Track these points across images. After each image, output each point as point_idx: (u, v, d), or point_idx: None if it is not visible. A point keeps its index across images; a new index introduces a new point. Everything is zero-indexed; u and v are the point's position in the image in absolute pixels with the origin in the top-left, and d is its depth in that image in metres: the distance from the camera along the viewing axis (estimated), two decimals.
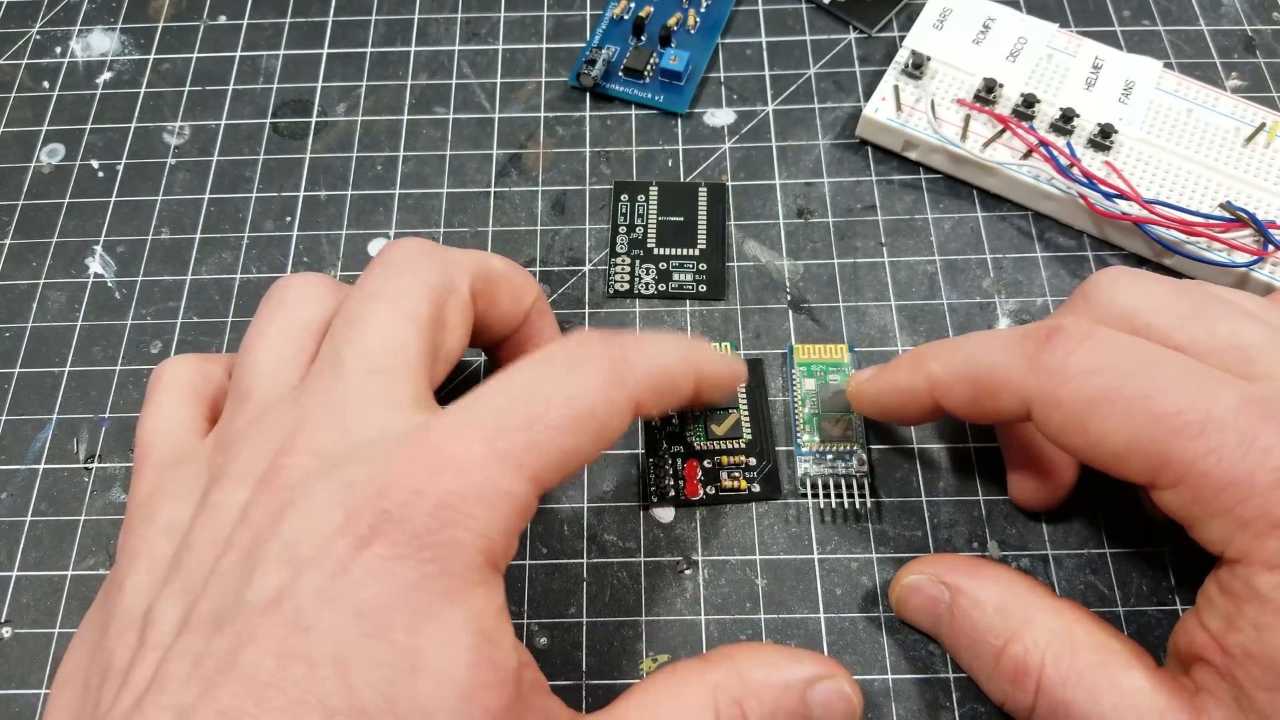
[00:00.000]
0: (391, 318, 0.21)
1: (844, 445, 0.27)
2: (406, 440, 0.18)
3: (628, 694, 0.20)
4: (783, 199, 0.32)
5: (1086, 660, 0.20)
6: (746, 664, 0.21)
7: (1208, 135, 0.31)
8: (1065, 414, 0.20)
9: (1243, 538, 0.18)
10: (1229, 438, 0.18)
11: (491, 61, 0.36)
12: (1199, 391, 0.19)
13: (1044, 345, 0.21)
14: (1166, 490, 0.19)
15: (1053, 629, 0.21)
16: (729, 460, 0.27)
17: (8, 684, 0.25)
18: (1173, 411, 0.19)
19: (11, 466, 0.28)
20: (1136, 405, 0.19)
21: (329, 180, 0.33)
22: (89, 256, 0.32)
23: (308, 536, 0.17)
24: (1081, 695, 0.20)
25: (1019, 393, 0.21)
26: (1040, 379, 0.20)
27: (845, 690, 0.21)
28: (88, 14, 0.38)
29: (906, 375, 0.24)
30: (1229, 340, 0.20)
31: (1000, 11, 0.34)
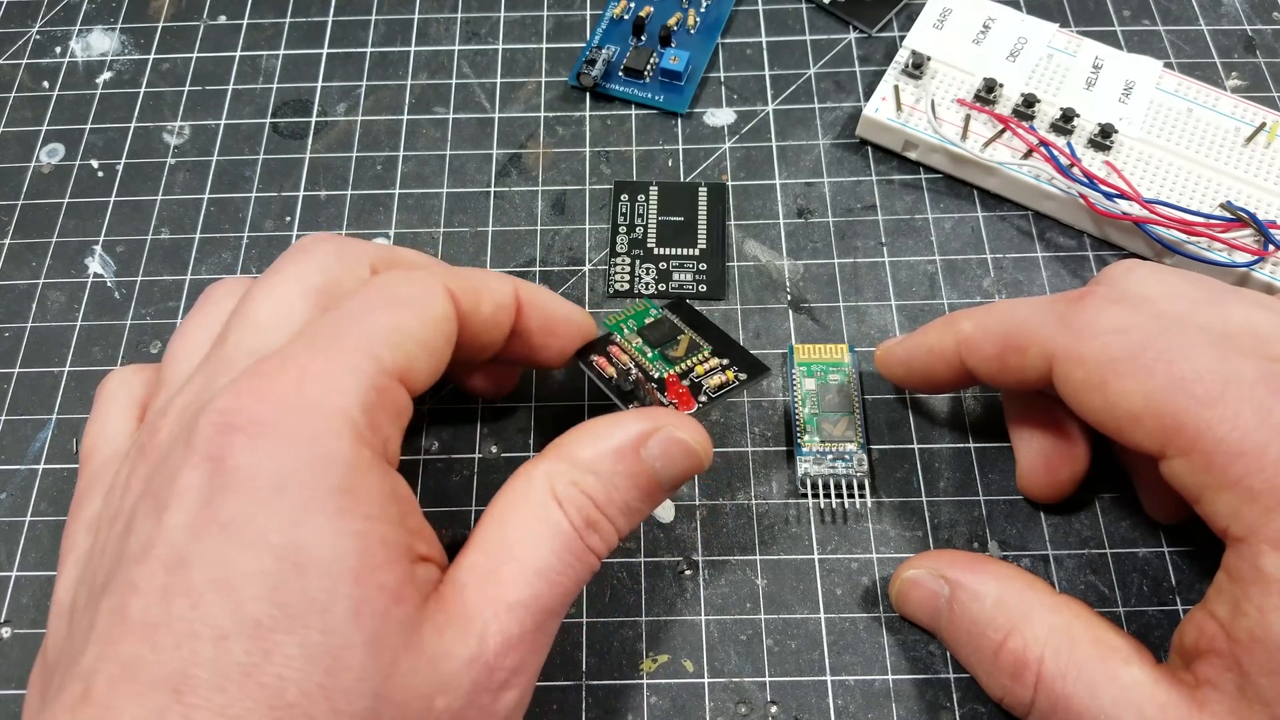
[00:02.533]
0: (279, 288, 0.21)
1: (844, 445, 0.27)
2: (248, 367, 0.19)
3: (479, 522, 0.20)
4: (783, 199, 0.32)
5: (1086, 655, 0.20)
6: (573, 445, 0.21)
7: (1208, 135, 0.31)
8: (1087, 370, 0.20)
9: (1250, 512, 0.18)
10: (1246, 407, 0.18)
11: (491, 61, 0.36)
12: (1220, 361, 0.19)
13: (1074, 304, 0.22)
14: (1177, 458, 0.19)
15: (1052, 624, 0.21)
16: (704, 367, 0.25)
17: (7, 684, 0.25)
18: (1192, 376, 0.19)
19: (11, 466, 0.28)
20: (1158, 367, 0.19)
21: (329, 180, 0.33)
22: (89, 256, 0.32)
23: (165, 480, 0.18)
24: (1081, 689, 0.20)
25: (1045, 348, 0.21)
26: (1067, 335, 0.21)
27: (676, 435, 0.21)
28: (88, 14, 0.38)
29: (936, 335, 0.25)
30: (1243, 325, 0.21)
31: (1000, 11, 0.34)
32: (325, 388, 0.18)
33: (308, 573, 0.16)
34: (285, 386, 0.18)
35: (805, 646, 0.25)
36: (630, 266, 0.31)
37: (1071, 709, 0.20)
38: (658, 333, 0.26)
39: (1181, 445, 0.19)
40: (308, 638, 0.16)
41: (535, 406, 0.29)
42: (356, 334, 0.19)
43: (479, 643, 0.18)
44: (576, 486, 0.20)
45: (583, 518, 0.20)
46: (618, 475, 0.20)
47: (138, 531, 0.17)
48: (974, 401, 0.28)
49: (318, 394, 0.18)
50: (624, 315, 0.27)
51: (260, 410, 0.18)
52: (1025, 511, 0.27)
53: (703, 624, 0.25)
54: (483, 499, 0.27)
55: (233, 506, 0.17)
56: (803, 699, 0.24)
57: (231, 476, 0.17)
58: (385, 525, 0.18)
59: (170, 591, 0.16)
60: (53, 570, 0.27)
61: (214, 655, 0.16)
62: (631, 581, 0.26)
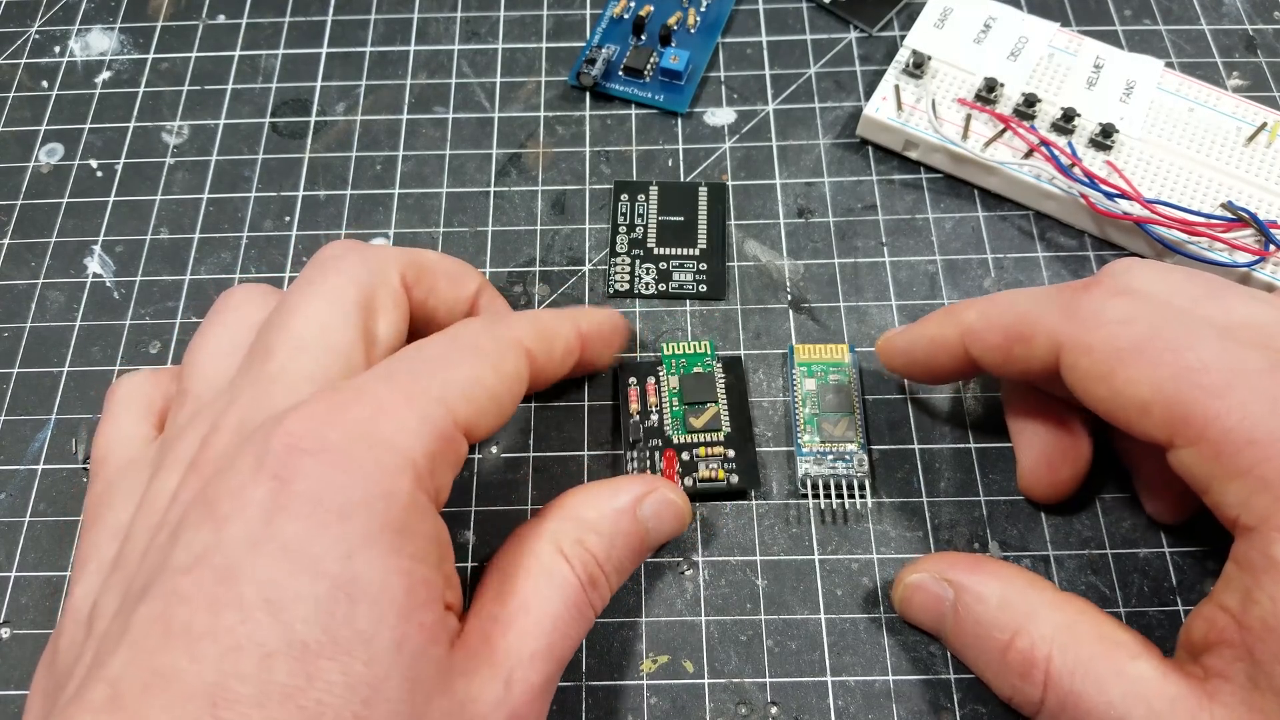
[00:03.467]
0: (318, 304, 0.22)
1: (844, 445, 0.27)
2: (318, 396, 0.19)
3: (489, 576, 0.21)
4: (783, 199, 0.32)
5: (1092, 651, 0.20)
6: (577, 506, 0.22)
7: (1209, 135, 0.31)
8: (1094, 360, 0.20)
9: (1262, 500, 0.18)
10: (1255, 396, 0.18)
11: (491, 61, 0.36)
12: (1226, 351, 0.19)
13: (1079, 293, 0.22)
14: (1185, 448, 0.19)
15: (1057, 622, 0.21)
16: (707, 451, 0.27)
17: (6, 685, 0.25)
18: (1199, 366, 0.19)
19: (10, 467, 0.28)
20: (1165, 357, 0.19)
21: (328, 180, 0.33)
22: (88, 256, 0.32)
23: (227, 493, 0.18)
24: (1090, 686, 0.20)
25: (1051, 337, 0.21)
26: (1074, 324, 0.21)
27: (669, 497, 0.23)
28: (86, 13, 0.37)
29: (938, 325, 0.24)
30: (1246, 318, 0.21)
31: (1001, 11, 0.34)
32: (397, 427, 0.18)
33: (357, 603, 0.17)
34: (359, 418, 0.18)
35: (805, 647, 0.25)
36: (630, 266, 0.31)
37: (1081, 706, 0.20)
38: (696, 389, 0.28)
39: (1190, 435, 0.19)
40: (351, 667, 0.16)
41: (535, 407, 0.29)
42: (435, 380, 0.20)
43: (505, 689, 0.19)
44: (581, 544, 0.21)
45: (587, 574, 0.21)
46: (617, 534, 0.22)
47: (188, 541, 0.17)
48: (974, 402, 0.28)
49: (389, 431, 0.18)
50: (681, 351, 0.28)
51: (332, 437, 0.18)
52: (1026, 512, 0.27)
53: (703, 624, 0.25)
54: (483, 499, 0.27)
55: (294, 528, 0.17)
56: (803, 700, 0.24)
57: (296, 499, 0.17)
58: (428, 568, 0.18)
59: (219, 603, 0.16)
60: (52, 570, 0.27)
61: (256, 672, 0.16)
62: (631, 582, 0.26)
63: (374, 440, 0.18)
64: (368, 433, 0.18)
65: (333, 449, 0.18)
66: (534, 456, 0.28)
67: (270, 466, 0.17)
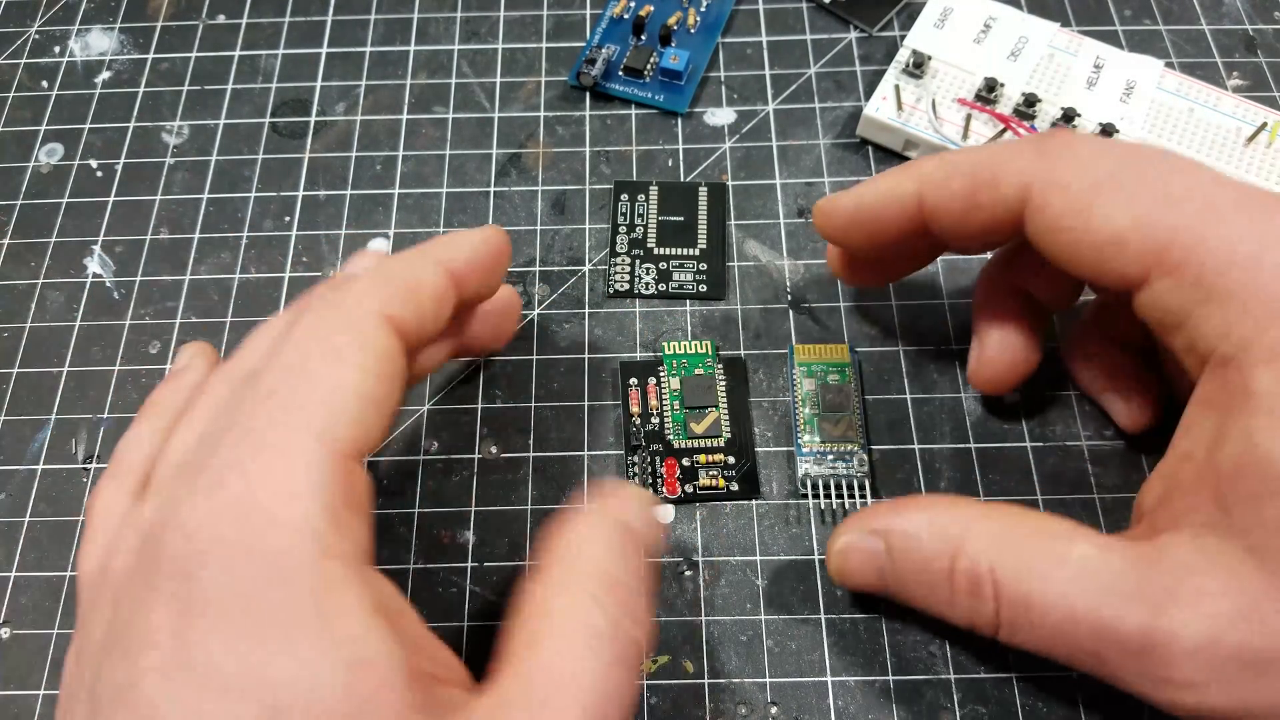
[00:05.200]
0: None
1: (844, 445, 0.27)
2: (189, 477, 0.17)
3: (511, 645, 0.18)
4: (783, 199, 0.32)
5: (1030, 549, 0.20)
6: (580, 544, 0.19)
7: (1209, 135, 0.31)
8: (1069, 196, 0.20)
9: (1243, 325, 0.18)
10: (1239, 220, 0.18)
11: (491, 61, 0.36)
12: (1209, 181, 0.19)
13: (1050, 136, 0.21)
14: (1161, 280, 0.19)
15: (991, 532, 0.20)
16: (707, 459, 0.27)
17: (6, 685, 0.25)
18: (1182, 193, 0.19)
19: (10, 467, 0.28)
20: (1146, 185, 0.19)
21: (328, 180, 0.33)
22: (87, 256, 0.32)
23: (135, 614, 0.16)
24: (1036, 583, 0.19)
25: (1020, 178, 0.20)
26: (1046, 161, 0.20)
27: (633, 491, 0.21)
28: (86, 13, 0.37)
29: (892, 179, 0.23)
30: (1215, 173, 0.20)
31: (1001, 11, 0.34)
32: (277, 493, 0.16)
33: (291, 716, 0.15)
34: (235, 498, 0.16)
35: (805, 647, 0.25)
36: (630, 266, 0.31)
37: (1034, 605, 0.19)
38: (696, 392, 0.28)
39: (1170, 263, 0.18)
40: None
41: (535, 406, 0.29)
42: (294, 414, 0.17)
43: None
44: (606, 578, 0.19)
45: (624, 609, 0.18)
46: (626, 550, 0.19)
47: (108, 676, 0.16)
48: (974, 402, 0.28)
49: (272, 503, 0.16)
50: (682, 351, 0.28)
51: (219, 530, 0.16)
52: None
53: (703, 624, 0.25)
54: (483, 499, 0.27)
55: (205, 647, 0.15)
56: (803, 700, 0.24)
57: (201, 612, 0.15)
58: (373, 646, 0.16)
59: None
60: (52, 571, 0.27)
61: None
62: None
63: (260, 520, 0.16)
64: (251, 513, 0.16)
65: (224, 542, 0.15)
66: (534, 457, 0.28)
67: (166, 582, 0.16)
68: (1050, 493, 0.27)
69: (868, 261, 0.26)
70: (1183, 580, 0.18)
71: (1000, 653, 0.25)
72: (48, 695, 0.25)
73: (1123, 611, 0.18)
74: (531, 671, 0.17)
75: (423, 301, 0.19)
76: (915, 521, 0.22)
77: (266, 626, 0.15)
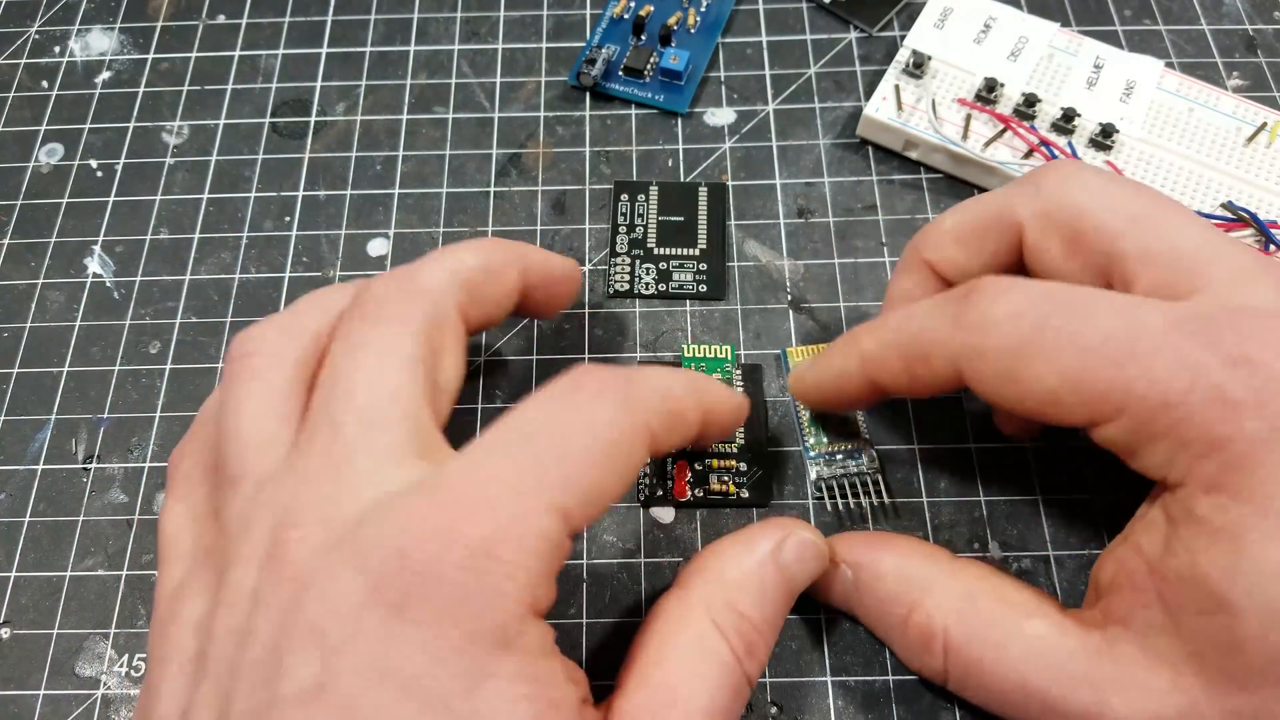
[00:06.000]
0: (381, 365, 0.20)
1: (852, 443, 0.27)
2: (420, 491, 0.17)
3: (634, 657, 0.20)
4: (783, 199, 0.32)
5: (989, 616, 0.21)
6: (720, 567, 0.21)
7: (1209, 135, 0.31)
8: (993, 365, 0.20)
9: (1183, 459, 0.18)
10: (1158, 359, 0.18)
11: (491, 61, 0.36)
12: (1122, 318, 0.19)
13: (964, 302, 0.21)
14: (1107, 425, 0.19)
15: (954, 591, 0.21)
16: (720, 464, 0.27)
17: (6, 685, 0.25)
18: (1098, 342, 0.19)
19: (10, 467, 0.28)
20: (1063, 342, 0.19)
21: (328, 180, 0.33)
22: (88, 256, 0.32)
23: (334, 616, 0.16)
24: (989, 651, 0.20)
25: (947, 353, 0.21)
26: (965, 334, 0.20)
27: (806, 537, 0.22)
28: (86, 13, 0.37)
29: (840, 358, 0.24)
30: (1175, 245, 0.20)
31: (1001, 11, 0.34)
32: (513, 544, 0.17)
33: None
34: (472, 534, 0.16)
35: (806, 647, 0.25)
36: (630, 266, 0.31)
37: (985, 671, 0.20)
38: None
39: (1108, 411, 0.19)
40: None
41: None
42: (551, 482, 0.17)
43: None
44: (733, 608, 0.20)
45: (744, 644, 0.20)
46: (766, 589, 0.21)
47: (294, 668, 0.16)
48: (974, 402, 0.28)
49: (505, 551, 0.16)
50: (702, 355, 0.28)
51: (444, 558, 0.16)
52: (1025, 512, 0.26)
53: None
54: None
55: (412, 663, 0.16)
56: (803, 700, 0.24)
57: (412, 628, 0.16)
58: (555, 686, 0.17)
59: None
60: (52, 571, 0.27)
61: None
62: (631, 582, 0.26)
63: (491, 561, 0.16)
64: (481, 551, 0.16)
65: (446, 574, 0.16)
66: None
67: (382, 594, 0.16)
68: (1049, 493, 0.27)
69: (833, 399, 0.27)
70: (1129, 673, 0.19)
71: None
72: (48, 695, 0.25)
73: (1070, 693, 0.19)
74: (652, 684, 0.19)
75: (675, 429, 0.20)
76: (885, 563, 0.22)
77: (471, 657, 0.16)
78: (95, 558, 0.27)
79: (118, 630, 0.26)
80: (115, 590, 0.26)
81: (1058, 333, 0.19)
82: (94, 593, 0.26)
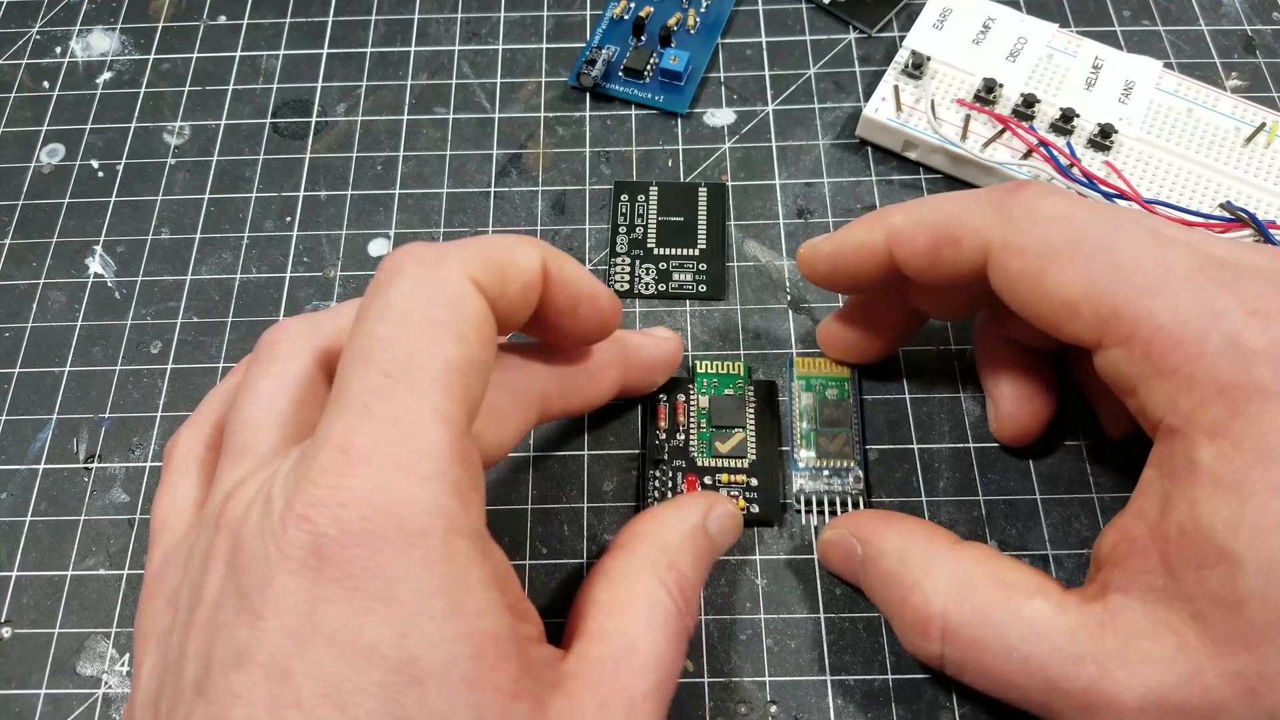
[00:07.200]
0: None
1: (840, 461, 0.27)
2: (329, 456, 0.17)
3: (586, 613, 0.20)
4: (783, 199, 0.32)
5: (988, 598, 0.20)
6: (660, 532, 0.22)
7: (1208, 135, 0.31)
8: (1025, 260, 0.20)
9: (1187, 401, 0.18)
10: (1186, 295, 0.18)
11: (491, 61, 0.36)
12: (1161, 250, 0.19)
13: (1011, 193, 0.21)
14: (1114, 348, 0.19)
15: (952, 573, 0.21)
16: (729, 479, 0.27)
17: (7, 684, 0.25)
18: (1132, 265, 0.19)
19: (11, 466, 0.28)
20: (1099, 255, 0.19)
21: (329, 180, 0.33)
22: (89, 256, 0.32)
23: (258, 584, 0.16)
24: (988, 633, 0.20)
25: (980, 238, 0.21)
26: (1005, 224, 0.21)
27: (729, 508, 0.23)
28: (88, 14, 0.38)
29: (865, 229, 0.24)
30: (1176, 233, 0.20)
31: (1000, 11, 0.34)
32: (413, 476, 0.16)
33: (424, 684, 0.16)
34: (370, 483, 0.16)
35: (805, 646, 0.25)
36: (630, 266, 0.31)
37: (984, 653, 0.20)
38: (725, 411, 0.28)
39: (1120, 334, 0.19)
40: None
41: None
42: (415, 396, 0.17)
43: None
44: (674, 568, 0.21)
45: (684, 598, 0.21)
46: (699, 552, 0.22)
47: (230, 633, 0.16)
48: (973, 401, 0.28)
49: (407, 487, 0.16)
50: (714, 372, 0.28)
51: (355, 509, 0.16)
52: (1025, 511, 0.27)
53: (702, 624, 0.25)
54: None
55: (337, 618, 0.16)
56: (803, 699, 0.24)
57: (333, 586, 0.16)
58: (493, 619, 0.17)
59: (278, 703, 0.15)
60: (53, 570, 0.27)
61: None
62: None
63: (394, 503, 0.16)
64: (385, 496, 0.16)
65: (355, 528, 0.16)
66: (534, 456, 0.28)
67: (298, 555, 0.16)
68: (1048, 492, 0.27)
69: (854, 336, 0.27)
70: (1131, 643, 0.19)
71: None
72: (49, 694, 0.25)
73: (1072, 670, 0.19)
74: (611, 635, 0.19)
75: (510, 281, 0.19)
76: (890, 542, 0.23)
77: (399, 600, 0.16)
78: (96, 557, 0.27)
79: (119, 629, 0.26)
80: (116, 590, 0.27)
81: (1094, 244, 0.19)
82: (95, 592, 0.27)
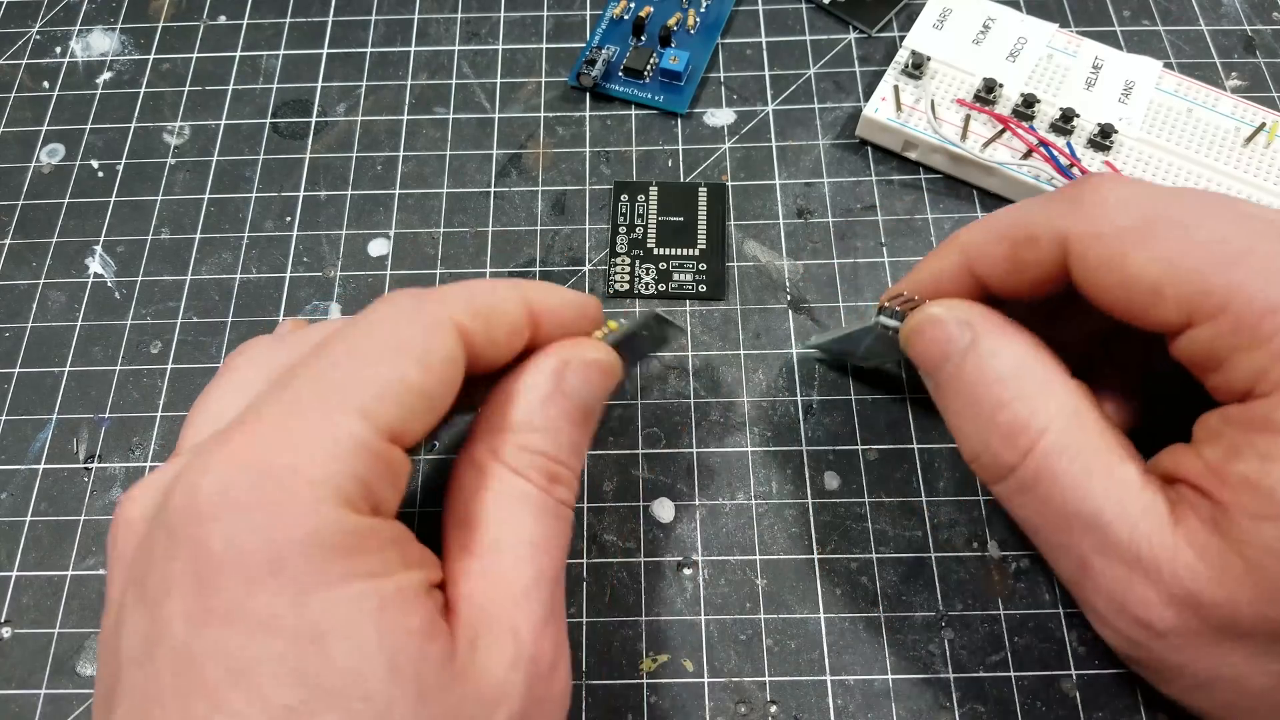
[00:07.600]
0: None
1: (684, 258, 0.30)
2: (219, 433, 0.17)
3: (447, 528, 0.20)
4: (783, 199, 0.32)
5: (1092, 442, 0.20)
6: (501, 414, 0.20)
7: (1208, 135, 0.31)
8: (1104, 244, 0.20)
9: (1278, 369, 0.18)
10: (1271, 265, 0.18)
11: (491, 61, 0.36)
12: (1241, 223, 0.19)
13: (1081, 185, 0.21)
14: (1203, 325, 0.19)
15: (1065, 404, 0.21)
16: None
17: (7, 684, 0.25)
18: (1215, 239, 0.19)
19: (11, 466, 0.28)
20: (1178, 232, 0.19)
21: (329, 180, 0.33)
22: (89, 256, 0.32)
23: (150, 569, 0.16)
24: (1076, 469, 0.20)
25: (1056, 231, 0.21)
26: (1080, 213, 0.20)
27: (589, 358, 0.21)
28: (88, 14, 0.38)
29: (936, 260, 0.23)
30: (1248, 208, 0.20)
31: (1000, 11, 0.34)
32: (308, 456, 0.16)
33: (328, 644, 0.16)
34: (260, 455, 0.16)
35: (805, 646, 0.25)
36: (630, 266, 0.31)
37: (1059, 484, 0.20)
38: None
39: (1209, 310, 0.19)
40: (349, 708, 0.15)
41: None
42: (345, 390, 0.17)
43: (514, 642, 0.18)
44: (524, 450, 0.20)
45: (545, 475, 0.20)
46: (554, 419, 0.20)
47: (131, 628, 0.16)
48: None
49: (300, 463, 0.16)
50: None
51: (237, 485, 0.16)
52: None
53: (702, 624, 0.25)
54: None
55: (228, 593, 0.16)
56: (802, 699, 0.24)
57: (219, 562, 0.16)
58: (393, 575, 0.17)
59: (184, 693, 0.15)
60: (53, 570, 0.27)
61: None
62: (631, 581, 0.26)
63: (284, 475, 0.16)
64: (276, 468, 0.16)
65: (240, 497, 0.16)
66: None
67: (181, 534, 0.16)
68: None
69: None
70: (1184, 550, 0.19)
71: (999, 651, 0.25)
72: (48, 695, 0.25)
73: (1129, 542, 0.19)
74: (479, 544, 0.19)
75: (495, 326, 0.20)
76: (1012, 347, 0.21)
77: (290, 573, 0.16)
78: (96, 557, 0.27)
79: None
80: None
81: (1171, 224, 0.19)
82: (95, 592, 0.27)
